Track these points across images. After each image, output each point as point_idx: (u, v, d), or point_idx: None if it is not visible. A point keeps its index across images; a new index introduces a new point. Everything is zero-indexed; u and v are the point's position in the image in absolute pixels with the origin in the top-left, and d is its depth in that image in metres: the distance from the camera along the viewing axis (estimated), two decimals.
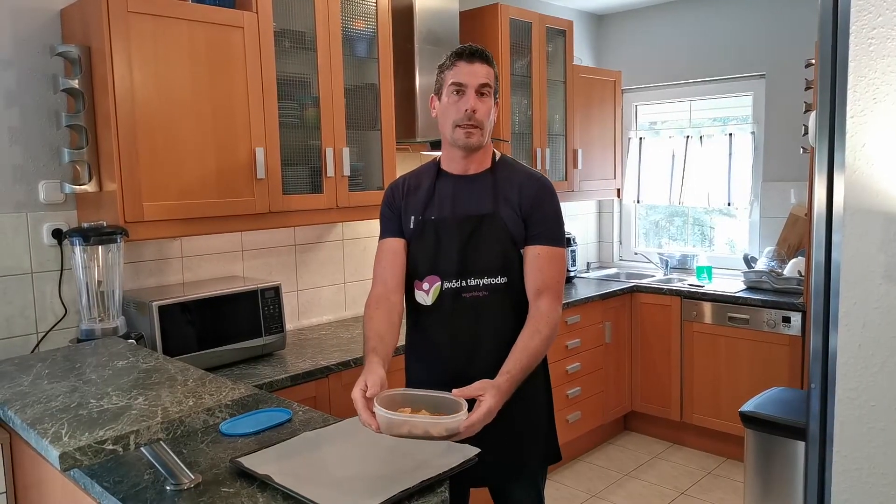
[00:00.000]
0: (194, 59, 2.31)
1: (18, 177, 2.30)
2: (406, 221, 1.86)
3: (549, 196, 1.83)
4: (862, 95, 1.17)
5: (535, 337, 1.71)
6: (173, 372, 1.62)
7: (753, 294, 3.70)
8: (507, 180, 1.83)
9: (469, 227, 1.79)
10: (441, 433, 1.42)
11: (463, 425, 1.44)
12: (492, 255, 1.78)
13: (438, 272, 1.80)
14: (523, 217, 1.79)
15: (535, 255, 1.78)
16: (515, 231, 1.79)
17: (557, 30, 3.94)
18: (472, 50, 1.77)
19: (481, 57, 1.77)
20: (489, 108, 1.78)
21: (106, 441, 1.23)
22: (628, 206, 4.89)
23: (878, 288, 1.18)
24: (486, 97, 1.77)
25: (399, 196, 1.90)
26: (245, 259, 2.90)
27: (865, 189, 1.18)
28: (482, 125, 1.77)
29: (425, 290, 1.83)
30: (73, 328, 2.38)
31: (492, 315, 1.79)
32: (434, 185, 1.86)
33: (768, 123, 4.13)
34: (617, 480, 3.61)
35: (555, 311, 1.77)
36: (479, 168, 1.85)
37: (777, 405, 2.62)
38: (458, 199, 1.83)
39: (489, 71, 1.77)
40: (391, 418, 1.41)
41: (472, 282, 1.79)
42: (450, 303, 1.80)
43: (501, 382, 1.59)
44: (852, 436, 1.22)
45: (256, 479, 1.44)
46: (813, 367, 1.31)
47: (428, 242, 1.82)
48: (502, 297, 1.79)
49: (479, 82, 1.75)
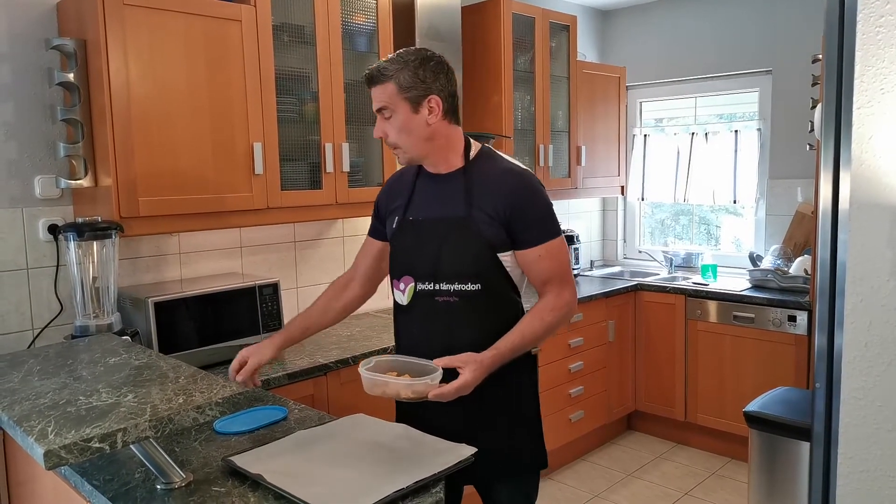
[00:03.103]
0: (191, 52, 2.29)
1: (14, 171, 2.28)
2: (390, 223, 1.87)
3: (528, 193, 1.74)
4: (869, 86, 1.13)
5: (535, 321, 1.72)
6: (165, 369, 1.59)
7: (759, 293, 3.66)
8: (482, 181, 1.75)
9: (442, 229, 1.75)
10: (409, 395, 1.55)
11: (432, 393, 1.55)
12: (464, 261, 1.72)
13: (413, 273, 1.78)
14: (505, 221, 1.71)
15: (537, 258, 1.74)
16: (492, 236, 1.71)
17: (561, 25, 3.90)
18: (367, 75, 1.73)
19: (371, 80, 1.72)
20: (399, 126, 1.71)
21: (92, 439, 1.20)
22: (633, 203, 4.85)
23: (885, 285, 1.14)
24: (389, 117, 1.72)
25: (385, 198, 1.93)
26: (244, 255, 2.88)
27: (873, 182, 1.14)
28: (399, 145, 1.74)
29: (401, 289, 1.82)
30: (69, 324, 2.36)
31: (464, 322, 1.74)
32: (414, 184, 1.84)
33: (774, 120, 4.08)
34: (620, 480, 3.58)
35: (561, 297, 1.75)
36: (448, 167, 1.79)
37: (782, 405, 2.59)
38: (433, 200, 1.80)
39: (383, 89, 1.70)
40: (372, 378, 1.57)
41: (444, 286, 1.74)
42: (424, 305, 1.78)
43: (485, 357, 1.63)
44: (858, 437, 1.19)
45: (248, 478, 1.41)
46: (818, 367, 1.27)
47: (406, 242, 1.81)
48: (475, 305, 1.73)
49: (376, 108, 1.73)
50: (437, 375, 1.55)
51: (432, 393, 1.54)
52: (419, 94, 1.71)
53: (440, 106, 1.73)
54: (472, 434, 1.64)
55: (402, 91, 1.70)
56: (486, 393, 1.69)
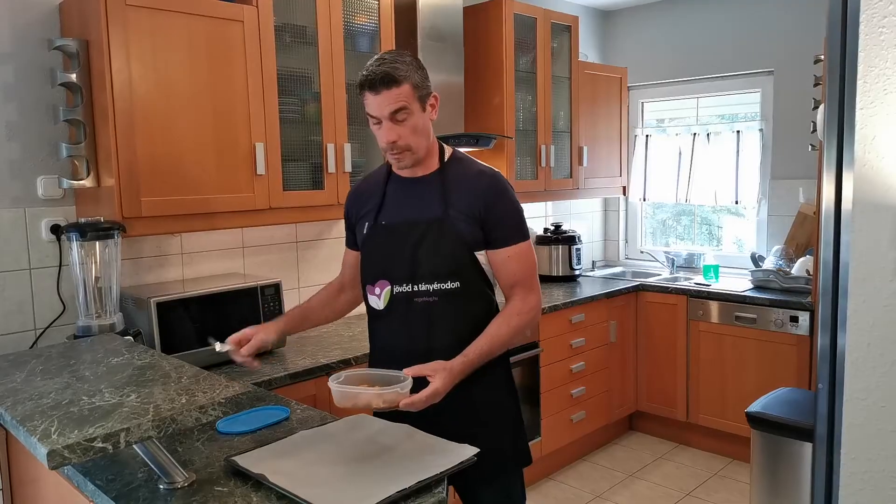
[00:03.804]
0: (193, 53, 2.29)
1: (16, 172, 2.28)
2: (360, 228, 1.86)
3: (501, 193, 1.75)
4: (872, 86, 1.13)
5: (503, 326, 1.73)
6: (168, 369, 1.60)
7: (761, 293, 3.65)
8: (457, 182, 1.76)
9: (418, 231, 1.75)
10: (380, 405, 1.53)
11: (403, 402, 1.53)
12: (442, 260, 1.73)
13: (388, 276, 1.78)
14: (478, 220, 1.73)
15: (506, 258, 1.75)
16: (468, 233, 1.73)
17: (563, 25, 3.90)
18: (373, 79, 1.66)
19: (385, 82, 1.65)
20: (412, 127, 1.70)
21: (95, 439, 1.20)
22: (634, 204, 4.85)
23: (888, 285, 1.14)
24: (404, 119, 1.68)
25: (353, 207, 1.91)
26: (246, 256, 2.88)
27: (875, 183, 1.14)
28: (408, 147, 1.72)
29: (377, 294, 1.81)
30: (71, 325, 2.36)
31: (444, 321, 1.75)
32: (385, 190, 1.84)
33: (777, 120, 4.08)
34: (621, 481, 3.58)
35: (526, 301, 1.76)
36: (426, 170, 1.80)
37: (784, 406, 2.58)
38: (407, 203, 1.79)
39: (399, 91, 1.65)
40: (341, 391, 1.54)
41: (423, 287, 1.74)
42: (402, 307, 1.77)
43: (455, 364, 1.64)
44: (861, 437, 1.19)
45: (251, 478, 1.41)
46: (821, 368, 1.27)
47: (379, 247, 1.80)
48: (454, 302, 1.75)
49: (390, 111, 1.66)
50: (406, 384, 1.54)
51: (403, 402, 1.53)
52: (426, 92, 1.73)
53: (438, 103, 1.75)
54: (453, 434, 1.62)
55: (416, 91, 1.69)
56: (464, 394, 1.70)
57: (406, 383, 1.54)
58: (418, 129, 1.71)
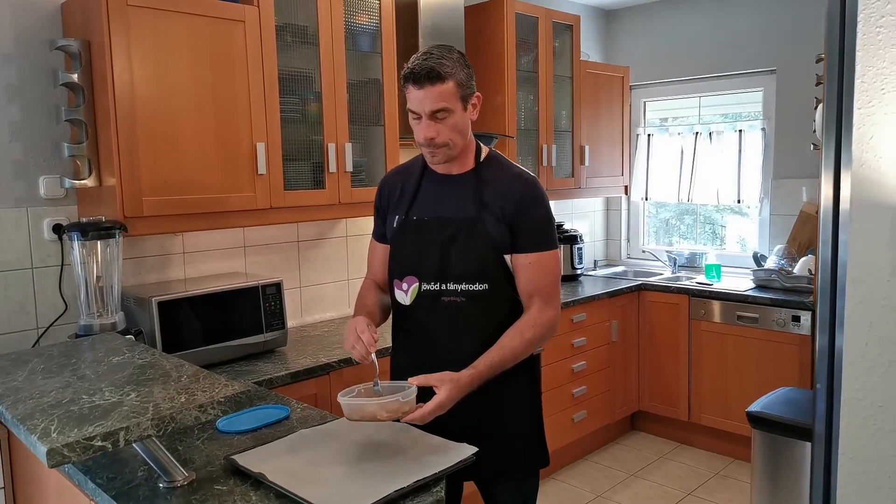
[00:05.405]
0: (195, 53, 2.30)
1: (19, 171, 2.29)
2: (390, 220, 1.85)
3: (535, 199, 1.75)
4: (870, 86, 1.13)
5: (515, 338, 1.71)
6: (168, 368, 1.60)
7: (763, 293, 3.65)
8: (492, 183, 1.76)
9: (450, 230, 1.74)
10: (384, 415, 1.50)
11: (407, 418, 1.51)
12: (471, 262, 1.73)
13: (417, 273, 1.77)
14: (508, 223, 1.72)
15: (527, 264, 1.74)
16: (498, 237, 1.72)
17: (564, 24, 3.90)
18: (418, 73, 1.64)
19: (430, 78, 1.63)
20: (452, 125, 1.68)
21: (95, 437, 1.21)
22: (636, 203, 4.84)
23: (885, 285, 1.14)
24: (445, 118, 1.67)
25: (385, 196, 1.90)
26: (247, 255, 2.89)
27: (873, 183, 1.14)
28: (445, 144, 1.71)
29: (404, 289, 1.80)
30: (73, 324, 2.37)
31: (469, 322, 1.74)
32: (419, 184, 1.83)
33: (779, 120, 4.07)
34: (623, 480, 3.57)
35: (544, 313, 1.74)
36: (461, 168, 1.79)
37: (785, 405, 2.58)
38: (441, 201, 1.79)
39: (442, 90, 1.64)
40: (348, 404, 1.51)
41: (451, 286, 1.74)
42: (428, 305, 1.77)
43: (462, 376, 1.61)
44: (859, 437, 1.19)
45: (251, 477, 1.42)
46: (819, 367, 1.27)
47: (409, 242, 1.79)
48: (481, 305, 1.74)
49: (431, 110, 1.65)
50: (409, 392, 1.52)
51: (406, 418, 1.51)
52: (470, 91, 1.72)
53: (480, 103, 1.75)
54: (474, 433, 1.63)
55: (460, 89, 1.68)
56: (487, 393, 1.70)
57: (409, 391, 1.52)
58: (458, 127, 1.71)
